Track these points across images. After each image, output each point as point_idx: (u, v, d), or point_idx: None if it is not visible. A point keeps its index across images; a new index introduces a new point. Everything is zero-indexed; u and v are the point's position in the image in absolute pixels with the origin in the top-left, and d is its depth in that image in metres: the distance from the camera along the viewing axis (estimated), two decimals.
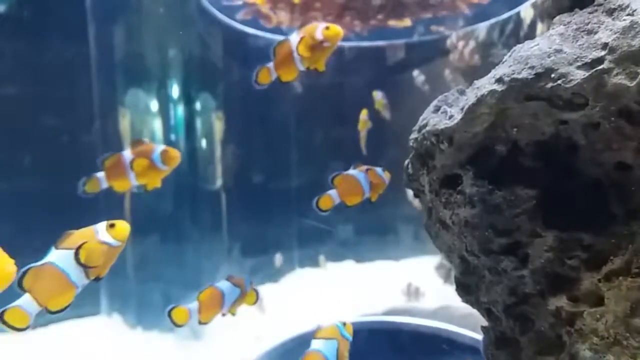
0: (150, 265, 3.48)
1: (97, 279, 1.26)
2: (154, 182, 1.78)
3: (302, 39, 1.64)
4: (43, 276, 1.22)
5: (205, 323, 1.79)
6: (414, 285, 3.89)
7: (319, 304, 3.54)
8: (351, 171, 1.83)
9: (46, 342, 3.32)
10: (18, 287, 1.19)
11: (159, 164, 1.74)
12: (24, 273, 1.21)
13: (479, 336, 1.51)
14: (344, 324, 1.75)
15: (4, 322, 1.19)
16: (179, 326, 1.75)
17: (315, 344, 1.68)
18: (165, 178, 3.68)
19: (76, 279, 1.22)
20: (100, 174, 1.81)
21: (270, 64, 1.67)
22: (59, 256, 1.24)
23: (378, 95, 4.14)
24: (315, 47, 1.63)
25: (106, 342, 3.24)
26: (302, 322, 3.03)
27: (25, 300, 1.21)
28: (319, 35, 1.63)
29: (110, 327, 3.46)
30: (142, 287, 3.42)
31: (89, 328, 3.48)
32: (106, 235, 1.29)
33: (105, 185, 1.81)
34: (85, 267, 1.22)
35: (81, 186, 1.73)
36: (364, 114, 3.99)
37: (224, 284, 1.85)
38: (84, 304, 3.62)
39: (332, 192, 1.79)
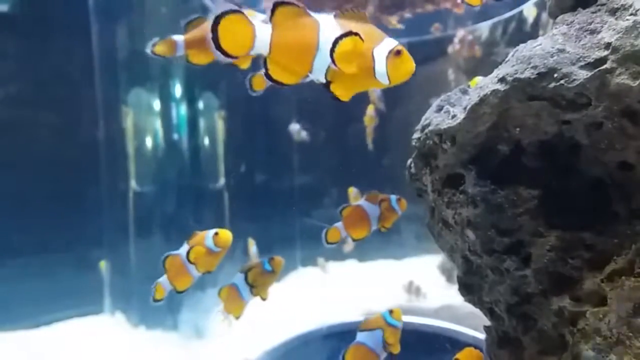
0: (153, 264, 3.49)
1: (207, 272, 1.67)
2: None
3: None
4: (173, 263, 1.63)
5: (239, 317, 1.92)
6: (415, 283, 3.88)
7: (321, 303, 3.54)
8: (361, 202, 1.81)
9: (50, 340, 3.34)
10: (162, 267, 1.63)
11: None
12: (165, 257, 1.64)
13: (481, 335, 1.51)
14: (391, 311, 1.75)
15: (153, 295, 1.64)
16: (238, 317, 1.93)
17: (359, 337, 1.69)
18: (167, 177, 3.69)
19: (191, 270, 1.62)
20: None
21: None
22: (183, 250, 1.62)
23: None
24: None
25: (109, 341, 3.25)
26: (304, 321, 3.03)
27: (164, 279, 1.64)
28: None
29: (113, 325, 3.47)
30: (145, 286, 3.42)
31: (92, 327, 3.49)
32: (211, 241, 1.64)
33: None
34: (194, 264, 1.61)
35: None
36: (370, 109, 3.98)
37: (237, 278, 1.89)
38: (87, 303, 3.64)
39: (339, 225, 1.79)
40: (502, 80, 1.17)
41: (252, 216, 4.26)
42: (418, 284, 3.89)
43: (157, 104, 3.67)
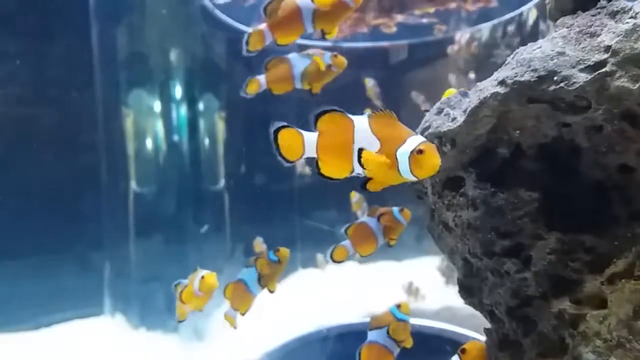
0: (153, 265, 3.49)
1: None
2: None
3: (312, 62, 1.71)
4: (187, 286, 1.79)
5: (245, 312, 1.94)
6: (415, 285, 3.88)
7: (321, 304, 3.54)
8: (365, 219, 1.82)
9: (50, 342, 3.34)
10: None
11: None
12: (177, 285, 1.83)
13: (482, 337, 1.51)
14: (399, 305, 1.76)
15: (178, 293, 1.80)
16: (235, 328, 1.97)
17: (371, 335, 1.70)
18: (168, 179, 3.69)
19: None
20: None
21: (261, 77, 1.77)
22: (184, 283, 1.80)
23: (370, 83, 4.10)
24: (322, 71, 1.70)
25: (109, 343, 3.25)
26: (304, 322, 3.03)
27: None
28: (327, 60, 1.71)
29: (114, 327, 3.47)
30: (145, 288, 3.42)
31: (93, 328, 3.49)
32: (197, 284, 1.73)
33: None
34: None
35: None
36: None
37: (243, 272, 1.90)
38: (87, 304, 3.63)
39: (346, 243, 1.80)
40: (502, 83, 1.17)
41: (252, 217, 4.26)
42: (418, 286, 3.88)
43: (157, 105, 3.68)
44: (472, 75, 4.24)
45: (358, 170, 1.05)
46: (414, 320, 1.82)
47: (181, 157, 3.66)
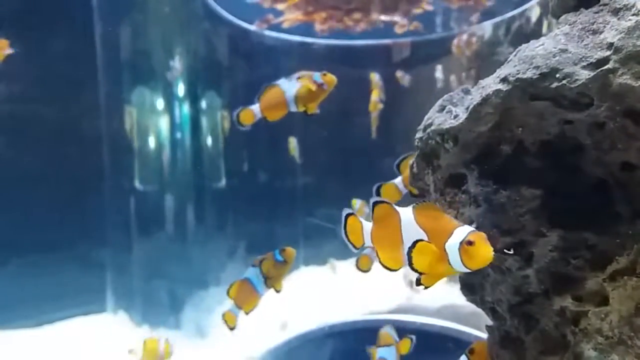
0: (156, 263, 3.50)
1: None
2: None
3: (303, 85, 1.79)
4: None
5: (249, 312, 1.95)
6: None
7: (324, 302, 3.55)
8: None
9: (53, 339, 3.35)
10: None
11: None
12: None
13: (483, 335, 1.51)
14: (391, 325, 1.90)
15: None
16: (233, 329, 1.97)
17: (381, 352, 1.86)
18: (170, 177, 3.70)
19: None
20: None
21: (255, 107, 1.82)
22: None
23: (375, 78, 4.11)
24: (314, 92, 1.77)
25: (112, 340, 3.26)
26: (306, 320, 3.04)
27: None
28: (318, 80, 1.76)
29: (116, 324, 3.48)
30: (148, 285, 3.44)
31: (96, 325, 3.51)
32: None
33: None
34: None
35: None
36: (374, 96, 3.94)
37: (249, 272, 1.90)
38: (90, 302, 3.65)
39: (369, 251, 1.81)
40: (504, 80, 1.17)
41: (254, 215, 4.27)
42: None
43: (160, 103, 3.68)
44: (474, 73, 4.24)
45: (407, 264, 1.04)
46: (416, 318, 1.84)
47: (184, 155, 3.67)
